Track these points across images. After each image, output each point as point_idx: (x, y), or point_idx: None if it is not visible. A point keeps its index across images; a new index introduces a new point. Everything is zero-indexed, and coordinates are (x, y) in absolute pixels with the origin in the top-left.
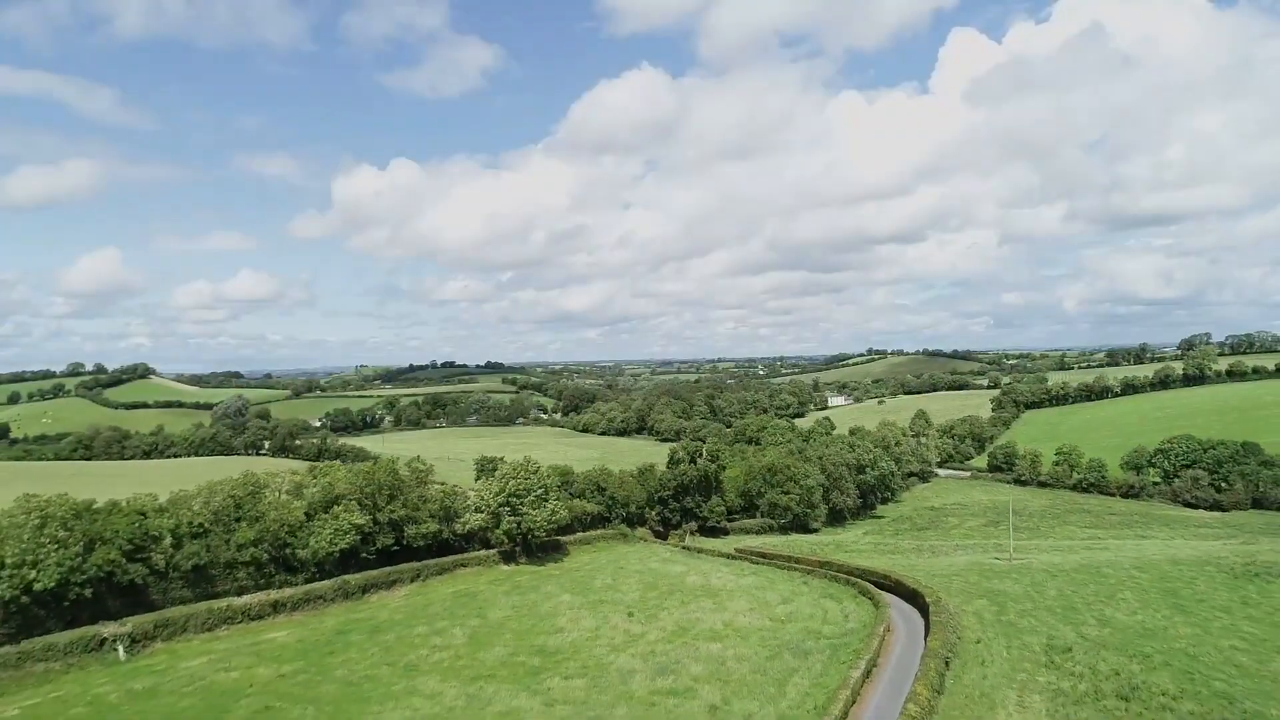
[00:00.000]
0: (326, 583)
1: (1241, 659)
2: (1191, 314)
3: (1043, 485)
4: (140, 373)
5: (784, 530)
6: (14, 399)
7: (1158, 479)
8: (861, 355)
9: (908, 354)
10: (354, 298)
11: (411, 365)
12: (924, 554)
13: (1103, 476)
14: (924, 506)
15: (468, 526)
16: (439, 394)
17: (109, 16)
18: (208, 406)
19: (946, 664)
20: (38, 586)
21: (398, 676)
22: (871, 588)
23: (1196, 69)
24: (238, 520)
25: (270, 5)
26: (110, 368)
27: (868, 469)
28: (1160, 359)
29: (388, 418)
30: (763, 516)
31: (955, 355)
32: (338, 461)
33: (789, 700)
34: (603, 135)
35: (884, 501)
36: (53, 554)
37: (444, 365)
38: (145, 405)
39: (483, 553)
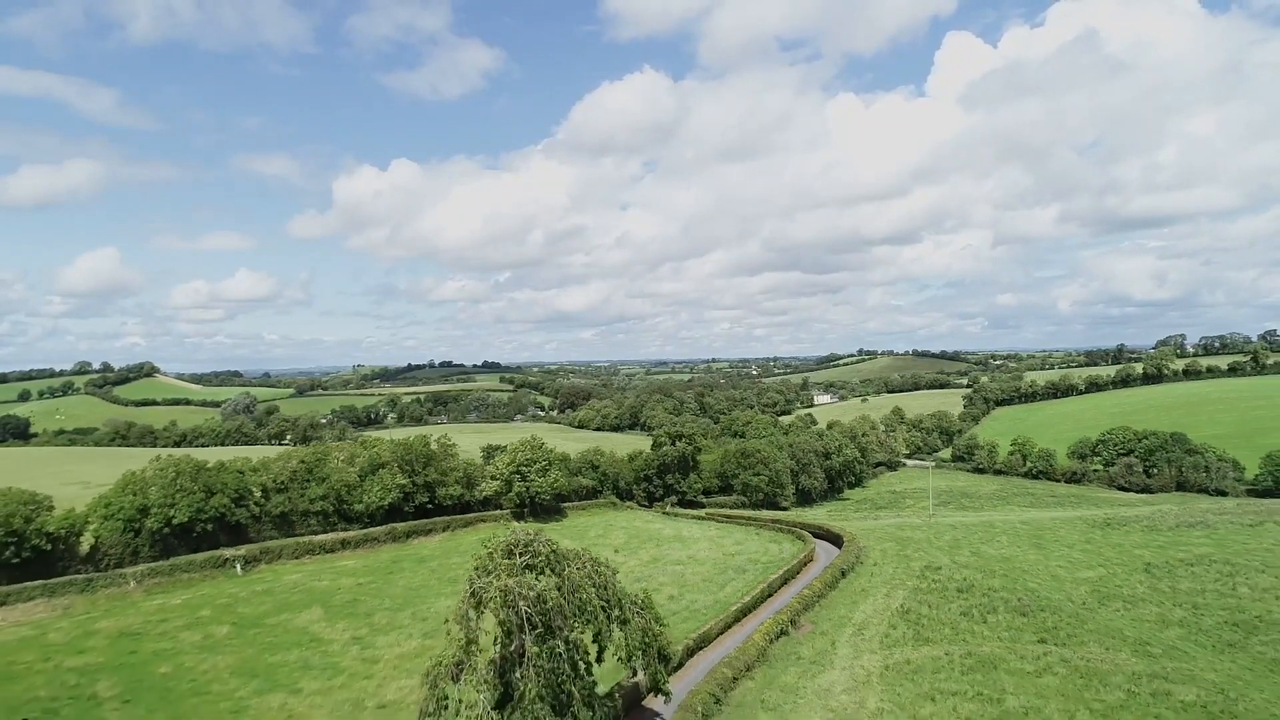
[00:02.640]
0: (380, 528)
1: (1059, 571)
2: (1186, 315)
3: (998, 473)
4: (146, 371)
5: (755, 507)
6: (24, 396)
7: (1099, 466)
8: (852, 356)
9: (899, 354)
10: (351, 298)
11: (410, 365)
12: (866, 520)
13: (1050, 465)
14: (887, 490)
15: (484, 492)
16: (439, 392)
17: (122, 21)
18: (215, 404)
19: (843, 574)
20: (175, 521)
21: (444, 585)
22: (806, 534)
23: (1189, 73)
24: (308, 480)
25: (275, 8)
26: (115, 366)
27: (833, 455)
28: (1139, 359)
29: (390, 414)
30: (737, 495)
31: (944, 356)
32: (382, 435)
33: (724, 594)
34: (603, 137)
35: (851, 486)
36: (183, 499)
37: (442, 365)
38: (154, 403)
39: (497, 512)
